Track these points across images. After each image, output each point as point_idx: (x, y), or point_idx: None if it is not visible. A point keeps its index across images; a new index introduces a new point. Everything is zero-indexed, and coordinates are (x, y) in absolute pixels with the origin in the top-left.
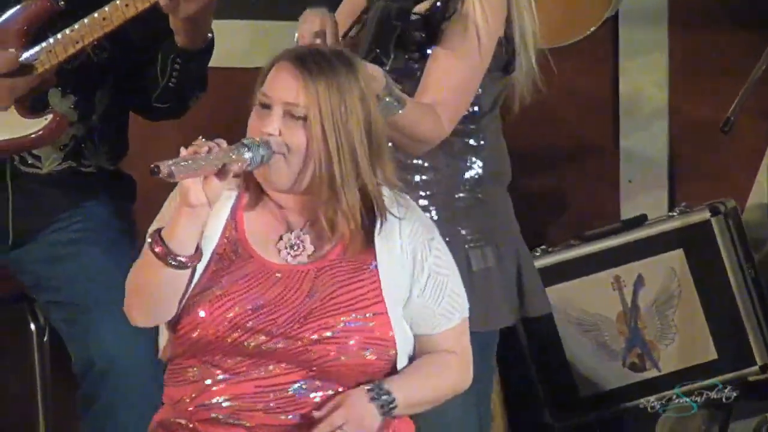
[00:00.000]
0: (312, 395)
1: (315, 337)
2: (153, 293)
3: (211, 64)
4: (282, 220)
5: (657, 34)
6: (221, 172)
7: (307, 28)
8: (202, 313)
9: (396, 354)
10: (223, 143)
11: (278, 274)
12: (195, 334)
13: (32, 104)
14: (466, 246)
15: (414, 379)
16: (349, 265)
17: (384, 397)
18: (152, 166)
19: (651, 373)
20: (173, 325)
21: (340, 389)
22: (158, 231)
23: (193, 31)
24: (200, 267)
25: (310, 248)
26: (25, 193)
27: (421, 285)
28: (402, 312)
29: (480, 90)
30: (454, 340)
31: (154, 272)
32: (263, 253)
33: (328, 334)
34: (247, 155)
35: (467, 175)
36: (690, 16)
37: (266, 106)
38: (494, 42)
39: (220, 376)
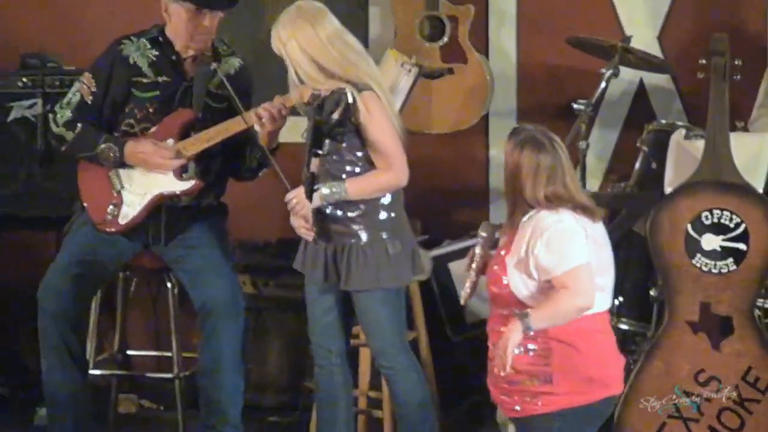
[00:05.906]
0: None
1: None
2: None
3: None
4: None
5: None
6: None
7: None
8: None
9: (509, 288)
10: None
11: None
12: None
13: (179, 170)
14: (385, 240)
15: (544, 305)
16: (509, 241)
17: (524, 317)
18: (462, 301)
19: None
20: None
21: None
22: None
23: (269, 138)
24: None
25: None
26: (170, 216)
27: (530, 249)
28: (516, 266)
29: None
30: (564, 282)
31: None
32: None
33: (494, 275)
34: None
35: (383, 201)
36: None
37: None
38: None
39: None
